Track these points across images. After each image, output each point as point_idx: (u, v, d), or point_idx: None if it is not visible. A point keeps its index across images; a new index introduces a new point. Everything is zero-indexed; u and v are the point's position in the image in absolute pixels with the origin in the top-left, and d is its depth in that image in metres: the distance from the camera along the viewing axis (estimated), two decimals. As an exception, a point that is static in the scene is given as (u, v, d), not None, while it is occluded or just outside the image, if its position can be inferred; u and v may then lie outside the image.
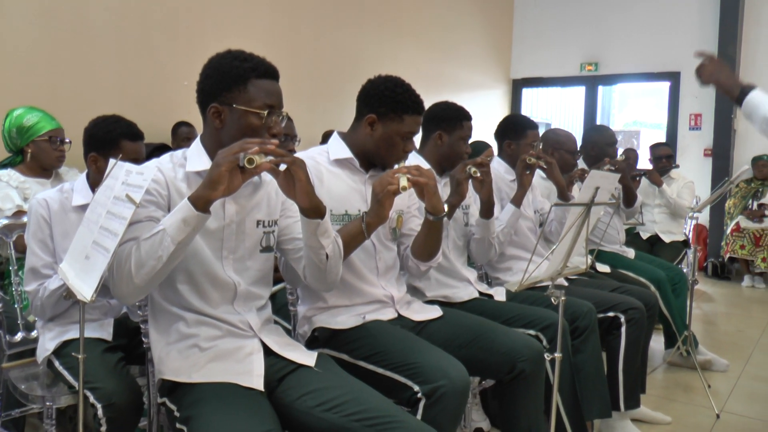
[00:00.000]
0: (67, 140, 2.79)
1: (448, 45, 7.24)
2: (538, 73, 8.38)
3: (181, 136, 4.32)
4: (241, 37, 4.80)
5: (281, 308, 2.36)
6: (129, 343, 2.13)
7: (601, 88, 8.39)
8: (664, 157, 5.17)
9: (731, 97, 2.21)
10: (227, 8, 4.86)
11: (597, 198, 1.85)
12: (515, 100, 8.56)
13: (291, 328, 2.12)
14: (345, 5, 5.90)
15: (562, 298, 1.89)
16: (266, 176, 1.75)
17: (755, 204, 6.84)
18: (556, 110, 12.51)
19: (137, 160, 2.17)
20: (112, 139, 2.13)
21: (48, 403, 1.95)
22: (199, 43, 4.51)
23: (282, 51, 5.15)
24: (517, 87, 8.55)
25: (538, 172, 2.96)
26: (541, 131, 3.44)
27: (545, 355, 2.01)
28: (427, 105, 2.49)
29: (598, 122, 8.38)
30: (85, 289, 1.43)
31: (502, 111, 8.21)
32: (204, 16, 4.69)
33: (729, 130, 7.15)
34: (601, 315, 2.71)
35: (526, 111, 8.76)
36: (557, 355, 1.91)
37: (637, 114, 11.50)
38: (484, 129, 3.30)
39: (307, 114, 5.18)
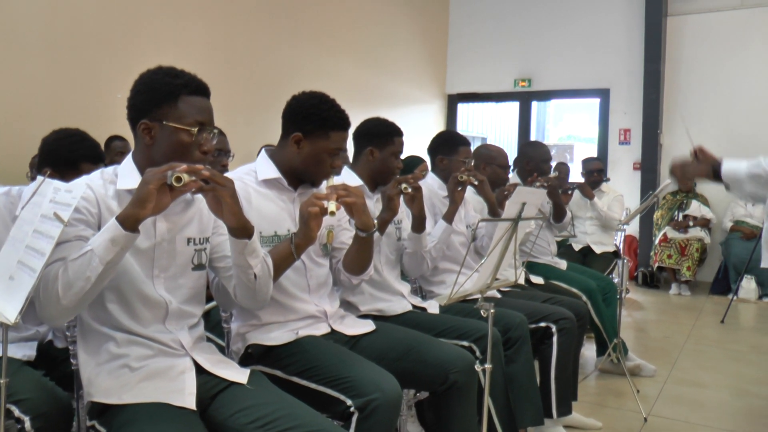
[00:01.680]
0: None
1: (384, 60, 7.33)
2: (472, 88, 8.56)
3: (115, 150, 4.22)
4: (176, 49, 4.75)
5: (215, 325, 2.34)
6: (51, 368, 2.03)
7: (535, 104, 8.64)
8: (596, 171, 5.35)
9: (710, 179, 2.27)
10: (162, 19, 4.80)
11: (524, 213, 1.91)
12: (451, 115, 8.70)
13: (225, 345, 2.11)
14: (281, 18, 5.91)
15: (492, 310, 1.94)
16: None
17: (680, 215, 7.15)
18: (491, 125, 12.80)
19: None
20: (72, 160, 2.04)
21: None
22: (134, 55, 4.44)
23: (218, 64, 5.12)
24: (452, 102, 8.70)
25: (471, 188, 3.04)
26: (477, 145, 3.54)
27: (476, 366, 2.05)
28: (362, 119, 2.53)
29: (533, 136, 8.62)
30: (9, 311, 1.39)
31: (437, 126, 8.34)
32: (138, 28, 4.63)
33: (656, 144, 7.46)
34: (533, 325, 2.79)
35: (461, 126, 8.91)
36: (487, 365, 1.96)
37: (570, 128, 11.89)
38: (419, 144, 3.36)
39: (244, 128, 5.15)
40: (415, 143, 3.28)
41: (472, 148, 3.21)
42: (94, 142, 2.13)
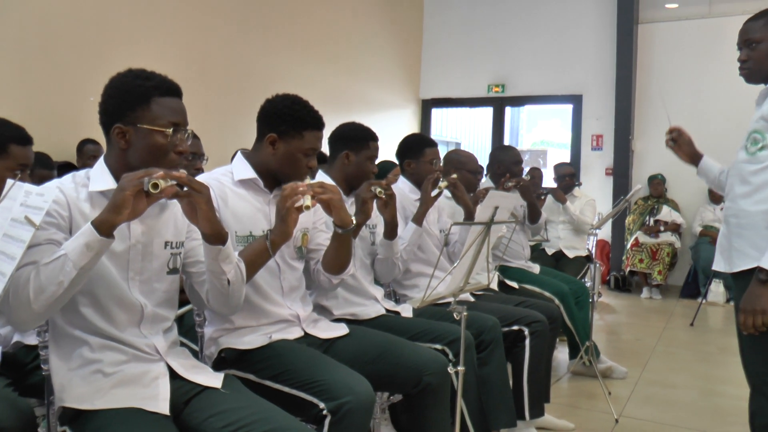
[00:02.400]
0: None
1: (359, 65, 7.35)
2: (446, 93, 8.61)
3: (87, 153, 4.18)
4: (150, 52, 4.72)
5: (189, 330, 2.33)
6: (17, 376, 1.99)
7: (508, 109, 8.72)
8: (567, 175, 5.41)
9: (688, 162, 2.57)
10: (136, 22, 4.76)
11: (496, 217, 1.94)
12: (425, 120, 8.75)
13: (199, 349, 2.10)
14: (256, 23, 5.90)
15: (464, 313, 1.96)
16: None
17: (652, 220, 7.27)
18: (465, 130, 12.89)
19: (26, 165, 2.10)
20: (0, 144, 2.03)
21: None
22: (107, 57, 4.40)
23: (192, 68, 5.10)
24: (426, 107, 8.76)
25: (446, 192, 3.06)
26: (451, 150, 3.56)
27: (449, 368, 2.07)
28: (337, 124, 2.55)
29: (507, 142, 8.70)
30: (-22, 315, 1.38)
31: (411, 130, 8.35)
32: (112, 30, 4.58)
33: (628, 150, 7.57)
34: (506, 328, 2.82)
35: (435, 131, 8.93)
36: (460, 368, 1.98)
37: (544, 134, 12.03)
38: (394, 148, 3.40)
39: (218, 131, 5.13)
40: (390, 148, 3.30)
41: (448, 152, 3.23)
42: (18, 125, 2.11)
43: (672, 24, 7.57)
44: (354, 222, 2.05)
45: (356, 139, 2.49)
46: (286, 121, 2.01)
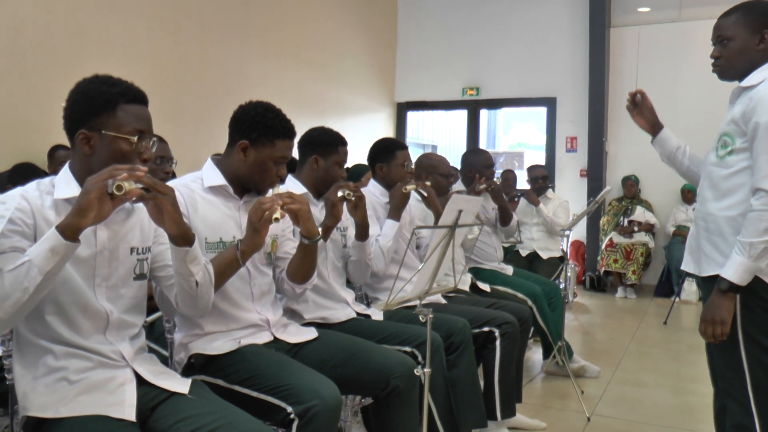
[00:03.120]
0: None
1: (333, 69, 7.36)
2: (421, 96, 8.65)
3: (59, 159, 4.13)
4: (121, 56, 4.69)
5: (160, 336, 2.33)
6: None
7: (484, 112, 8.77)
8: (540, 178, 5.47)
9: (647, 130, 2.48)
10: (106, 26, 4.72)
11: (461, 220, 1.96)
12: (400, 123, 8.78)
13: (168, 355, 2.10)
14: (230, 28, 5.88)
15: (430, 315, 1.98)
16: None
17: (626, 221, 7.36)
18: (441, 133, 12.93)
19: None
20: None
21: None
22: (78, 63, 4.36)
23: (164, 73, 5.07)
24: (401, 110, 8.79)
25: (416, 196, 3.09)
26: (423, 154, 3.58)
27: (416, 371, 2.09)
28: (311, 127, 2.56)
29: (483, 144, 8.76)
30: (-61, 325, 1.37)
31: (387, 133, 8.39)
32: (84, 35, 4.55)
33: (601, 152, 7.66)
34: (476, 330, 2.85)
35: (411, 134, 8.93)
36: (426, 370, 2.00)
37: (520, 136, 12.12)
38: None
39: (191, 136, 5.11)
40: (365, 151, 3.33)
41: (420, 156, 3.25)
42: None
43: (643, 28, 7.68)
44: (320, 234, 2.06)
45: (325, 143, 2.51)
46: (257, 129, 2.02)
